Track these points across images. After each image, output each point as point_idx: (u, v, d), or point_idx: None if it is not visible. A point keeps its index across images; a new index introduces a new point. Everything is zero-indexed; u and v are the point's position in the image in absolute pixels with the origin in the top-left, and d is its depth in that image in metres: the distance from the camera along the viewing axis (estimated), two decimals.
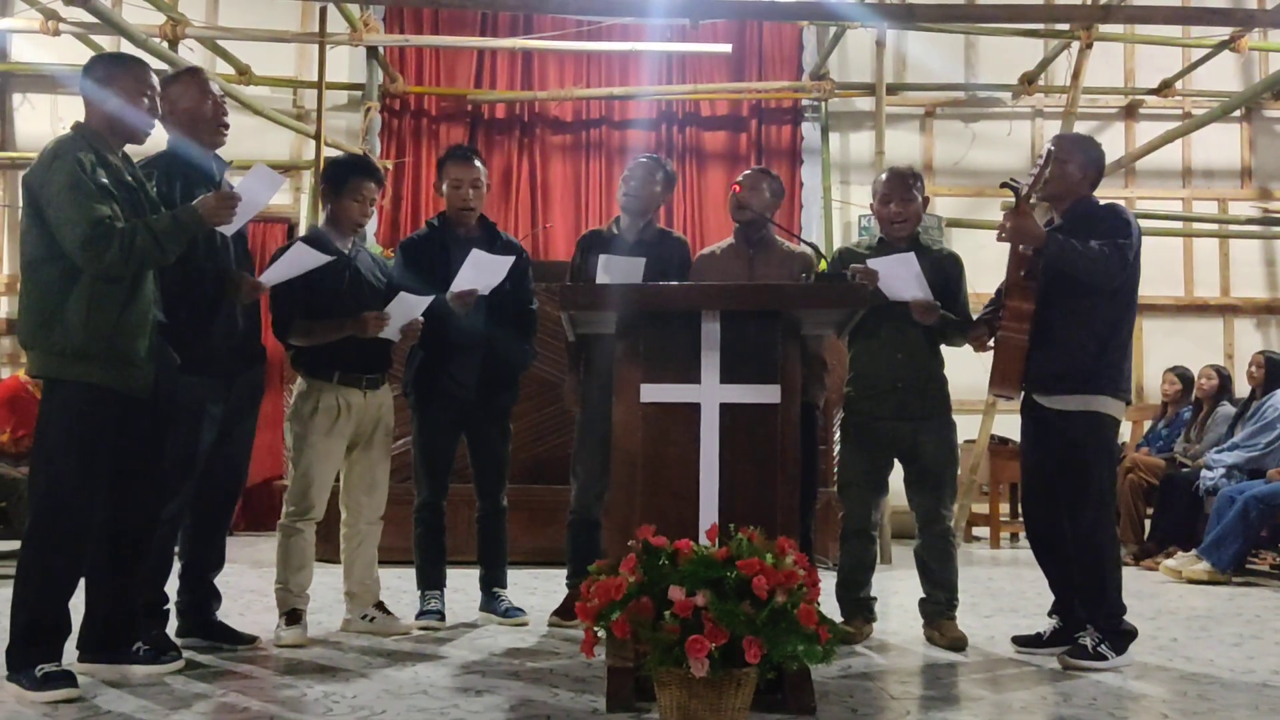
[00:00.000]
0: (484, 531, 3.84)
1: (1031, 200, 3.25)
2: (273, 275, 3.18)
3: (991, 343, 3.37)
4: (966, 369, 5.60)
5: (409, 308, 3.45)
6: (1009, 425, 6.69)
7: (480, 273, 3.52)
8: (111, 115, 2.78)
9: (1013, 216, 3.19)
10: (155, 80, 2.87)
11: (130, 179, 2.82)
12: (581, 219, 7.48)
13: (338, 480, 3.58)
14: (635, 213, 3.78)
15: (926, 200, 3.62)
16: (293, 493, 3.44)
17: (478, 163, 3.75)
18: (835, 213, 7.51)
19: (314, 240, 3.48)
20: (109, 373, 2.70)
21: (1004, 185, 3.35)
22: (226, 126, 3.20)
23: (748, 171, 3.83)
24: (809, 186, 7.62)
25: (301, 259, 3.22)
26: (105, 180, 2.70)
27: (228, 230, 2.90)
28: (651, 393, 2.68)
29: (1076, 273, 3.13)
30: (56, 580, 2.67)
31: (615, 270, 3.46)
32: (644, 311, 2.71)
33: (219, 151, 3.22)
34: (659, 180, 3.79)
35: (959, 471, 3.88)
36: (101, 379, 2.69)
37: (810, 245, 3.76)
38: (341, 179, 3.50)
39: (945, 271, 3.54)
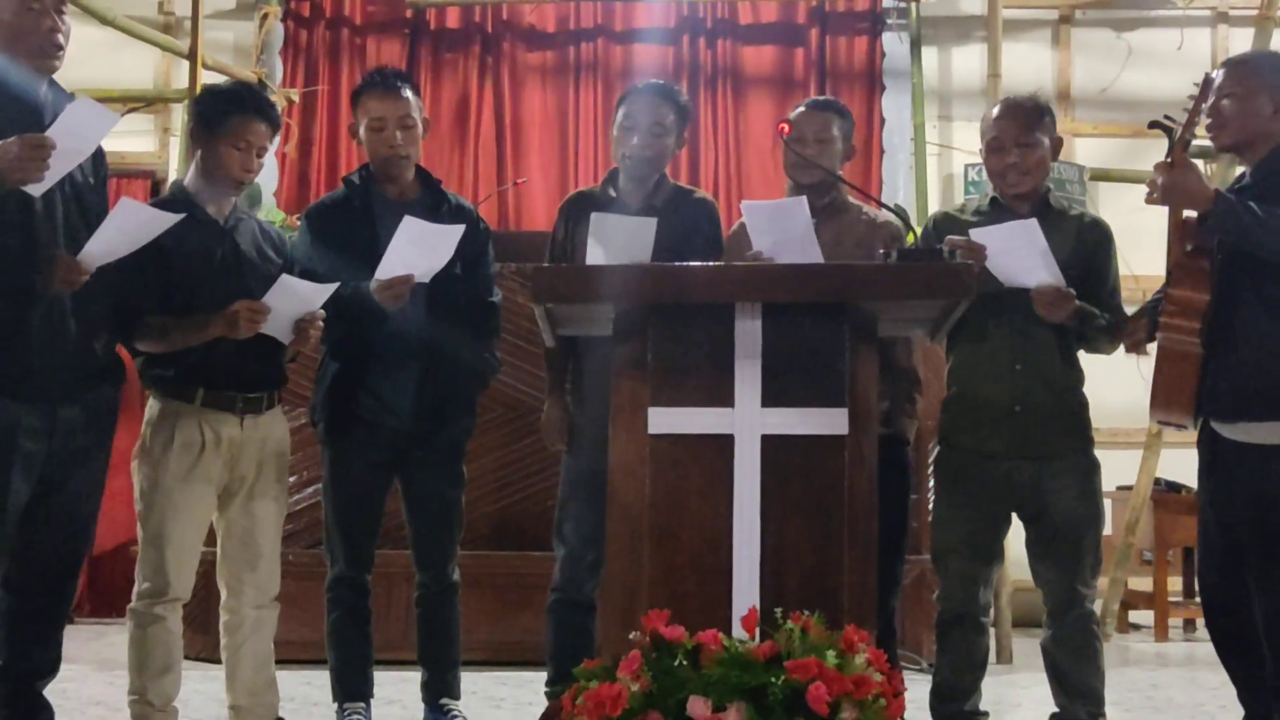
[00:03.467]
0: (427, 618, 3.84)
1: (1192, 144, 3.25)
2: (97, 249, 3.12)
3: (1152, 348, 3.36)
4: (1119, 385, 5.56)
5: (298, 298, 3.45)
6: (1182, 466, 6.66)
7: (418, 250, 3.52)
8: None
9: (1166, 169, 3.19)
10: None
11: None
12: (569, 173, 7.50)
13: (211, 546, 3.58)
14: (640, 176, 3.79)
15: (1059, 144, 3.62)
16: (144, 564, 3.44)
17: (407, 93, 3.76)
18: (931, 161, 7.50)
19: (170, 202, 3.49)
20: None
21: (1153, 125, 3.34)
22: (60, 46, 3.21)
23: (804, 107, 3.83)
24: (893, 124, 7.62)
25: (133, 221, 3.15)
26: None
27: (36, 190, 2.88)
28: (664, 420, 2.68)
29: (1256, 248, 3.13)
30: None
31: (613, 236, 3.46)
32: (653, 303, 2.72)
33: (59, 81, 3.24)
34: (670, 121, 3.79)
35: (1107, 532, 3.86)
36: None
37: (894, 210, 3.76)
38: (217, 117, 3.50)
39: (1086, 245, 3.53)
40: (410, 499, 3.81)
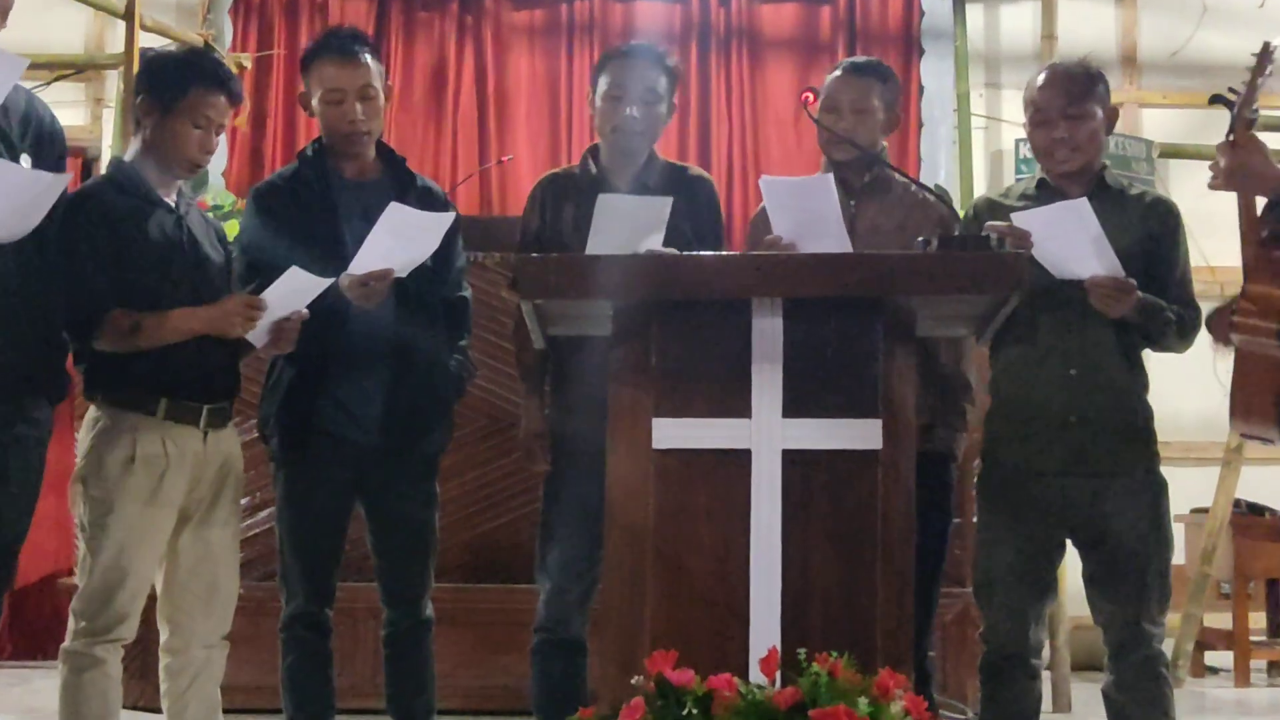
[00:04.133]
0: (397, 660, 3.84)
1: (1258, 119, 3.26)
2: None
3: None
4: (1192, 391, 5.58)
5: (296, 294, 3.44)
6: (1266, 484, 6.65)
7: (398, 240, 3.52)
8: None
9: (1229, 149, 3.20)
10: None
11: None
12: (559, 149, 7.51)
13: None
14: (633, 151, 3.81)
15: (1114, 115, 3.63)
16: (89, 598, 3.43)
17: (367, 57, 3.76)
18: (977, 136, 7.51)
19: (114, 181, 3.49)
20: None
21: (1215, 100, 3.35)
22: None
23: (839, 70, 3.83)
24: (933, 93, 7.63)
25: (8, 183, 3.07)
26: None
27: None
28: (671, 432, 2.69)
29: None
30: None
31: (624, 220, 3.44)
32: (658, 298, 2.73)
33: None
34: (662, 86, 3.81)
35: (1178, 561, 3.86)
36: None
37: (934, 192, 3.77)
38: (172, 89, 3.50)
39: (1150, 229, 3.54)
40: (376, 524, 3.81)
